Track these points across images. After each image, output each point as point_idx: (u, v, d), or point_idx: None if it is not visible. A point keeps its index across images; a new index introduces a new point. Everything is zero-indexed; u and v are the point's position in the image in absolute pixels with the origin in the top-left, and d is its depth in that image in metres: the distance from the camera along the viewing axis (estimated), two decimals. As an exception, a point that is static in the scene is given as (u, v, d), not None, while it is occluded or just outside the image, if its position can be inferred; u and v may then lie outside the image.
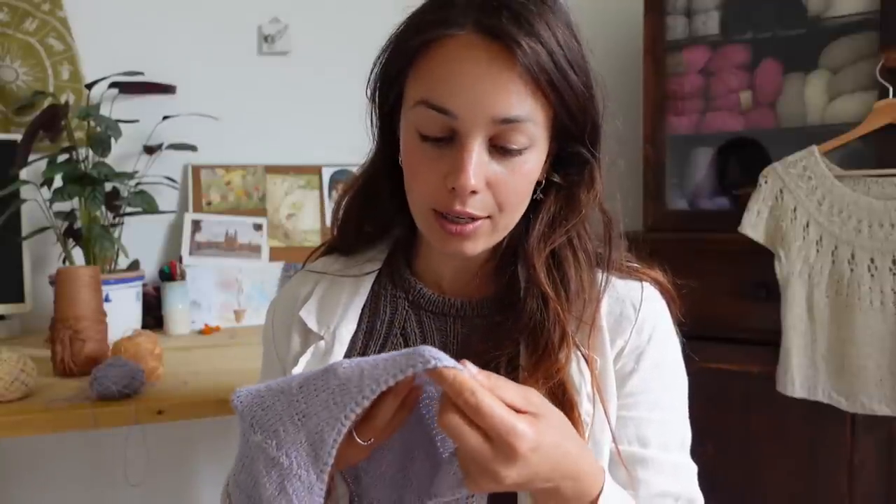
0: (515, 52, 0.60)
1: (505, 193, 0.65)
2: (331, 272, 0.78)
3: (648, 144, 1.76)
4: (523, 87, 0.61)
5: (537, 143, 0.65)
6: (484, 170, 0.63)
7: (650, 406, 0.69)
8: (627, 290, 0.71)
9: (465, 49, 0.61)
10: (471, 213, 0.64)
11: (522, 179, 0.65)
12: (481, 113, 0.61)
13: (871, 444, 1.43)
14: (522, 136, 0.63)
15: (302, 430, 0.55)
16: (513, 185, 0.65)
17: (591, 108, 0.67)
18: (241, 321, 1.75)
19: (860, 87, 1.53)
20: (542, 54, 0.61)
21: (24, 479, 1.71)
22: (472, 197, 0.63)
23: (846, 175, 1.44)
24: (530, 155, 0.65)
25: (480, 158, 0.62)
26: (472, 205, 0.64)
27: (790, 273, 1.45)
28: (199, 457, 1.84)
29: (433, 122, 0.63)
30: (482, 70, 0.61)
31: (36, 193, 1.54)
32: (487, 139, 0.63)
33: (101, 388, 1.04)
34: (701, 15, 1.74)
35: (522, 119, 0.62)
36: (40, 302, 1.61)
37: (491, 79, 0.61)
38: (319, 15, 1.89)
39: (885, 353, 1.37)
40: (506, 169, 0.64)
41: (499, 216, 0.66)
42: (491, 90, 0.61)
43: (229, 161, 1.82)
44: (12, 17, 1.67)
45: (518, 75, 0.61)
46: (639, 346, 0.69)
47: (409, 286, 0.75)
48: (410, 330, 0.73)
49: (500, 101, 0.61)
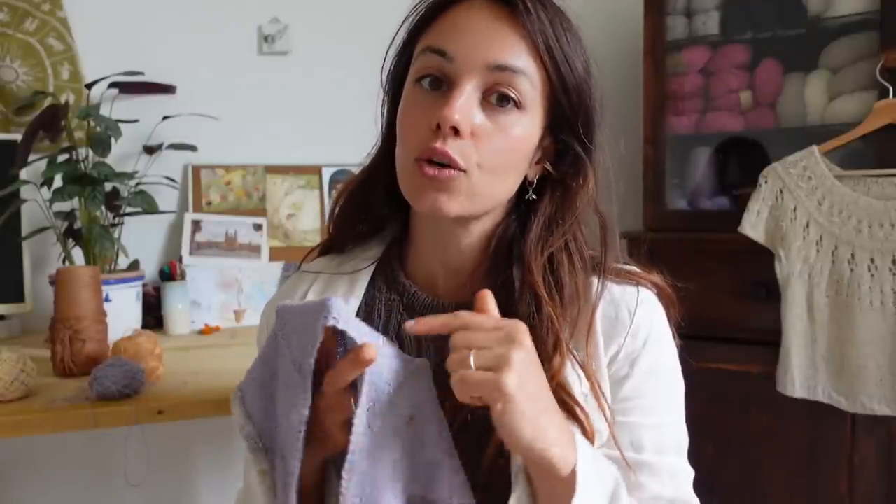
0: (520, 10, 0.64)
1: (487, 148, 0.64)
2: (326, 271, 0.78)
3: (648, 144, 1.76)
4: (521, 43, 0.64)
5: (529, 108, 0.65)
6: (471, 115, 0.63)
7: (645, 411, 0.69)
8: (623, 294, 0.70)
9: (473, 10, 0.65)
10: (449, 154, 0.63)
11: (508, 141, 0.65)
12: (476, 56, 0.63)
13: (871, 444, 1.43)
14: (514, 92, 0.64)
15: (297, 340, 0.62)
16: (497, 142, 0.64)
17: (586, 94, 0.68)
18: (241, 321, 1.75)
19: (860, 87, 1.53)
20: (545, 21, 0.64)
21: (24, 479, 1.71)
22: (454, 139, 0.63)
23: (846, 175, 1.44)
24: (521, 118, 0.65)
25: (469, 102, 0.63)
26: (451, 146, 0.63)
27: (790, 273, 1.45)
28: (199, 457, 1.84)
29: (430, 63, 0.65)
30: (485, 23, 0.64)
31: (36, 193, 1.54)
32: (481, 89, 0.64)
33: (101, 388, 1.04)
34: (701, 15, 1.74)
35: (516, 70, 0.64)
36: (40, 302, 1.61)
37: (492, 29, 0.64)
38: (319, 15, 1.89)
39: (885, 353, 1.37)
40: (493, 123, 0.64)
41: (477, 174, 0.65)
42: (489, 38, 0.64)
43: (229, 161, 1.82)
44: (12, 17, 1.67)
45: (518, 32, 0.64)
46: (633, 351, 0.69)
47: (403, 289, 0.74)
48: (405, 335, 0.72)
49: (495, 48, 0.63)
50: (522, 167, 0.69)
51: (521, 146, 0.67)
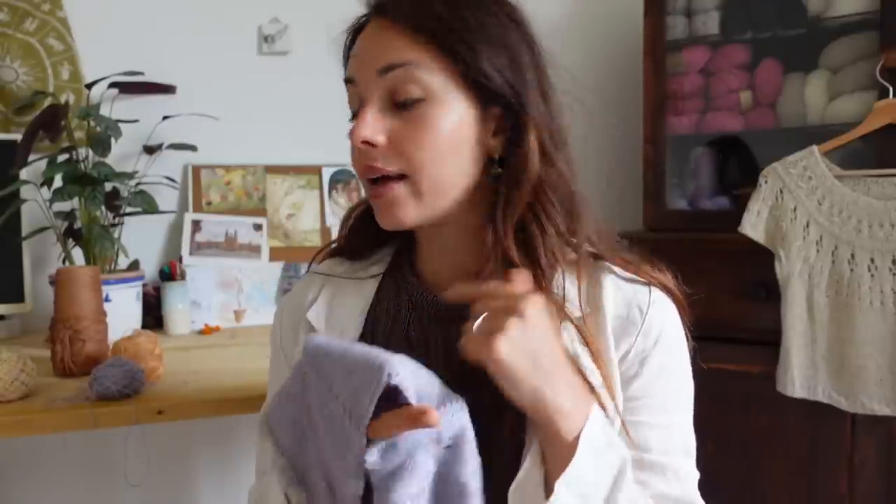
0: (390, 10, 0.67)
1: (408, 148, 0.66)
2: (336, 274, 0.79)
3: (648, 144, 1.76)
4: (401, 38, 0.65)
5: (438, 96, 0.65)
6: (383, 126, 0.66)
7: (653, 411, 0.68)
8: (634, 293, 0.70)
9: (365, 32, 0.69)
10: (375, 166, 0.66)
11: (426, 133, 0.65)
12: (368, 69, 0.66)
13: (871, 444, 1.43)
14: (412, 86, 0.65)
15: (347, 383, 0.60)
16: (415, 138, 0.65)
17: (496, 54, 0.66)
18: (241, 321, 1.75)
19: (860, 87, 1.53)
20: (410, 3, 0.66)
21: (24, 479, 1.71)
22: (374, 151, 0.66)
23: (846, 175, 1.44)
24: (431, 108, 0.65)
25: (376, 114, 0.66)
26: (376, 159, 0.66)
27: (790, 273, 1.45)
28: (199, 457, 1.84)
29: (351, 97, 0.70)
30: (370, 38, 0.68)
31: (36, 193, 1.54)
32: (384, 97, 0.66)
33: (101, 388, 1.04)
34: (701, 15, 1.74)
35: (403, 64, 0.65)
36: (40, 302, 1.61)
37: (375, 39, 0.67)
38: (319, 15, 1.88)
39: (885, 353, 1.37)
40: (405, 122, 0.66)
41: (415, 175, 0.66)
42: (374, 48, 0.67)
43: (229, 161, 1.82)
44: (12, 17, 1.67)
45: (396, 30, 0.66)
46: (644, 350, 0.68)
47: (412, 289, 0.75)
48: (413, 334, 0.73)
49: (379, 54, 0.66)
50: (465, 151, 0.67)
51: (448, 133, 0.66)
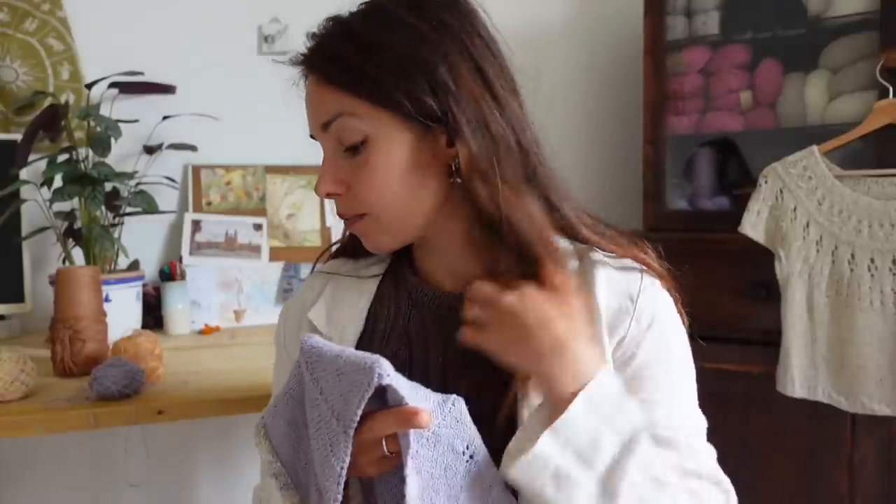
0: (310, 70, 0.72)
1: (360, 190, 0.70)
2: (341, 272, 0.81)
3: (648, 144, 1.76)
4: (327, 92, 0.70)
5: (376, 134, 0.68)
6: (340, 175, 0.71)
7: (653, 389, 0.69)
8: (627, 283, 0.71)
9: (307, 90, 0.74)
10: (343, 214, 0.73)
11: (375, 174, 0.69)
12: (315, 127, 0.72)
13: (871, 444, 1.43)
14: (351, 133, 0.69)
15: (337, 385, 0.61)
16: (364, 180, 0.70)
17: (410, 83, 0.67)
18: (241, 321, 1.75)
19: (860, 87, 1.53)
20: (325, 58, 0.71)
21: (24, 479, 1.71)
22: (338, 199, 0.72)
23: (846, 175, 1.44)
24: (374, 146, 0.69)
25: (332, 167, 0.71)
26: (341, 206, 0.73)
27: (790, 273, 1.45)
28: (199, 457, 1.84)
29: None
30: (309, 98, 0.73)
31: (36, 193, 1.54)
32: (335, 146, 0.71)
33: (101, 388, 1.04)
34: (701, 15, 1.74)
35: (333, 118, 0.69)
36: (40, 302, 1.61)
37: (311, 99, 0.73)
38: (319, 15, 1.88)
39: (885, 353, 1.37)
40: (352, 167, 0.70)
41: (378, 211, 0.70)
42: (312, 107, 0.73)
43: (229, 161, 1.82)
44: (12, 17, 1.67)
45: (320, 86, 0.70)
46: (638, 335, 0.70)
47: (411, 285, 0.77)
48: (413, 328, 0.75)
49: (317, 111, 0.71)
50: (418, 177, 0.70)
51: (396, 167, 0.69)
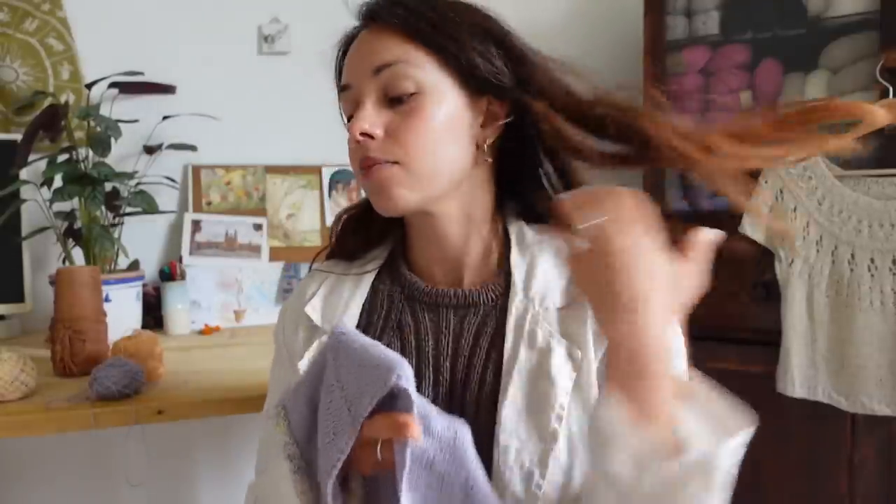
0: (378, 16, 0.71)
1: (403, 137, 0.69)
2: (336, 271, 0.82)
3: (648, 144, 1.76)
4: (391, 38, 0.70)
5: (430, 88, 0.69)
6: (380, 120, 0.70)
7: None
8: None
9: (359, 41, 0.73)
10: (371, 157, 0.70)
11: (420, 123, 0.69)
12: (362, 72, 0.71)
13: (871, 444, 1.44)
14: (405, 81, 0.69)
15: (356, 375, 0.61)
16: (410, 127, 0.69)
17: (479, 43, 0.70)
18: (241, 321, 1.75)
19: (860, 87, 1.53)
20: (402, 10, 0.70)
21: (24, 479, 1.71)
22: (372, 143, 0.70)
23: (846, 175, 1.44)
24: (426, 100, 0.69)
25: (372, 110, 0.70)
26: (373, 150, 0.70)
27: (790, 273, 1.45)
28: (199, 457, 1.84)
29: (347, 102, 0.74)
30: (363, 44, 0.72)
31: (36, 193, 1.54)
32: (379, 95, 0.70)
33: (101, 388, 1.04)
34: (701, 15, 1.74)
35: (392, 62, 0.69)
36: (40, 302, 1.61)
37: (367, 45, 0.72)
38: (319, 15, 1.88)
39: (885, 353, 1.37)
40: (400, 115, 0.70)
41: (410, 162, 0.69)
42: (366, 53, 0.71)
43: (229, 161, 1.82)
44: (12, 17, 1.67)
45: (386, 33, 0.70)
46: None
47: (405, 280, 0.78)
48: (405, 322, 0.76)
49: (371, 57, 0.70)
50: (458, 140, 0.71)
51: (442, 122, 0.70)
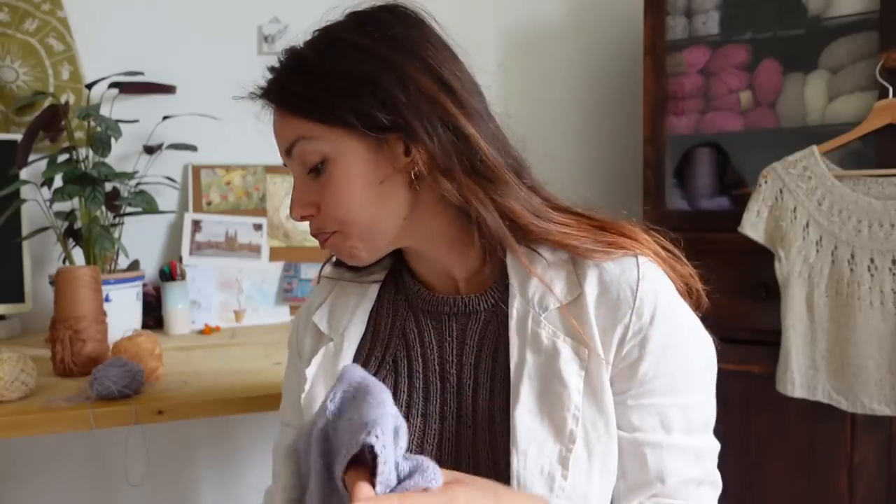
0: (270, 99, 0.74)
1: (332, 210, 0.71)
2: (346, 278, 0.83)
3: (648, 144, 1.76)
4: (285, 117, 0.72)
5: (333, 152, 0.70)
6: (310, 198, 0.72)
7: (667, 391, 0.68)
8: (620, 270, 0.69)
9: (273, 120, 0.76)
10: (319, 230, 0.74)
11: (338, 191, 0.70)
12: (282, 153, 0.74)
13: (871, 444, 1.44)
14: (311, 155, 0.71)
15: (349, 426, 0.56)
16: (331, 199, 0.71)
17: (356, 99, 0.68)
18: (241, 321, 1.75)
19: (860, 87, 1.53)
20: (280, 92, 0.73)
21: (24, 479, 1.71)
22: (312, 220, 0.74)
23: (846, 175, 1.44)
24: (334, 167, 0.70)
25: (302, 189, 0.73)
26: (317, 225, 0.74)
27: (790, 273, 1.45)
28: (199, 457, 1.84)
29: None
30: (275, 126, 0.75)
31: (36, 193, 1.54)
32: (301, 169, 0.73)
33: (101, 388, 1.04)
34: (701, 15, 1.74)
35: (294, 140, 0.71)
36: (40, 302, 1.61)
37: (276, 126, 0.75)
38: (319, 15, 1.88)
39: (885, 353, 1.37)
40: (319, 187, 0.72)
41: (344, 227, 0.72)
42: (277, 134, 0.75)
43: (229, 161, 1.82)
44: (12, 17, 1.67)
45: (280, 114, 0.73)
46: (641, 330, 0.67)
47: (409, 289, 0.80)
48: (410, 330, 0.77)
49: (280, 139, 0.74)
50: (385, 183, 0.70)
51: (358, 178, 0.70)
